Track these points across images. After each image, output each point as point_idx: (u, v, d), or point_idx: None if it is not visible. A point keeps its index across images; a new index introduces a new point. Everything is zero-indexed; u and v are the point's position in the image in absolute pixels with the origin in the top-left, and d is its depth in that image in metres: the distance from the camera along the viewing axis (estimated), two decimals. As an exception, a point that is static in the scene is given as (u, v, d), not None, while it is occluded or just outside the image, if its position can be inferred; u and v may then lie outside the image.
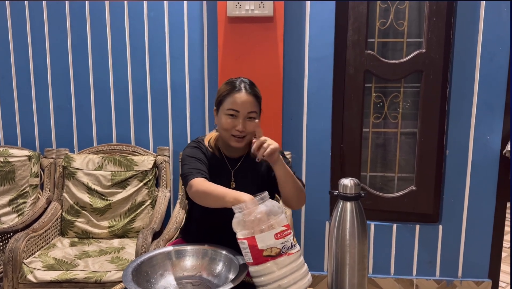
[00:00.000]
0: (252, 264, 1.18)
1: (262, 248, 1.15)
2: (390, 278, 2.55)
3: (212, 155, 1.55)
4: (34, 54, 2.58)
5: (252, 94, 1.48)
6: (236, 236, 1.20)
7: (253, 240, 1.15)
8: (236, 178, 1.54)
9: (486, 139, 2.38)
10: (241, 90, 1.47)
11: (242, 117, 1.46)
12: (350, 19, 2.39)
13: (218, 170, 1.54)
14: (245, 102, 1.46)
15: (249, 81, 1.52)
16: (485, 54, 2.32)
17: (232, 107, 1.46)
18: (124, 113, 2.59)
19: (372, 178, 2.60)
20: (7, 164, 2.48)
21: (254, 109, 1.48)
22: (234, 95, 1.47)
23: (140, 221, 2.41)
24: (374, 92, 2.51)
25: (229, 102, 1.47)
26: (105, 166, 2.45)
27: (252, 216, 1.16)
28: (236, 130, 1.46)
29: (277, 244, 1.15)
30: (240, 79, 1.51)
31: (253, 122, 1.47)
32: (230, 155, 1.57)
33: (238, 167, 1.56)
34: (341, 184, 1.18)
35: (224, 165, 1.56)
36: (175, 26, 2.48)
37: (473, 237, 2.47)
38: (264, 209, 1.17)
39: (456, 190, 2.45)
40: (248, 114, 1.47)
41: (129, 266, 1.25)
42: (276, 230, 1.16)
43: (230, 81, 1.52)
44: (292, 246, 1.19)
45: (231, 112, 1.47)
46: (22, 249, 2.02)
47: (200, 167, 1.45)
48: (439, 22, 2.33)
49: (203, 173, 1.42)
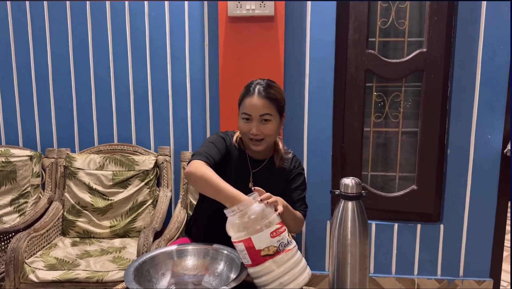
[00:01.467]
0: (250, 265, 1.18)
1: (260, 248, 1.15)
2: (391, 277, 2.55)
3: (237, 153, 1.56)
4: (35, 54, 2.58)
5: (266, 97, 1.47)
6: (232, 240, 1.20)
7: (249, 241, 1.15)
8: (255, 179, 1.55)
9: (487, 139, 2.38)
10: (254, 94, 1.47)
11: (256, 121, 1.47)
12: (351, 18, 2.39)
13: (239, 168, 1.55)
14: (256, 105, 1.46)
15: (265, 83, 1.51)
16: (486, 53, 2.32)
17: (245, 111, 1.48)
18: (125, 113, 2.59)
19: (373, 177, 2.60)
20: (9, 163, 2.49)
21: (268, 111, 1.47)
22: (247, 99, 1.48)
23: (142, 220, 2.41)
24: (375, 92, 2.51)
25: (243, 107, 1.49)
26: (106, 165, 2.45)
27: (246, 217, 1.16)
28: (251, 134, 1.47)
29: (274, 242, 1.16)
30: (256, 82, 1.51)
31: (268, 125, 1.48)
32: (254, 156, 1.58)
33: (259, 169, 1.57)
34: (343, 183, 1.18)
35: (245, 164, 1.56)
36: (176, 26, 2.48)
37: (475, 236, 2.47)
38: (257, 209, 1.17)
39: (457, 189, 2.45)
40: (261, 117, 1.47)
41: (131, 265, 1.25)
42: (271, 229, 1.16)
43: (247, 85, 1.53)
44: (288, 242, 1.19)
45: (245, 116, 1.48)
46: (24, 249, 2.03)
47: (211, 153, 1.45)
48: (440, 21, 2.33)
49: (210, 159, 1.42)
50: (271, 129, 1.48)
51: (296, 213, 1.49)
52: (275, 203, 1.23)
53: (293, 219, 1.44)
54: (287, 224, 1.27)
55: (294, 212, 1.47)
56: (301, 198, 1.57)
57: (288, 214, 1.38)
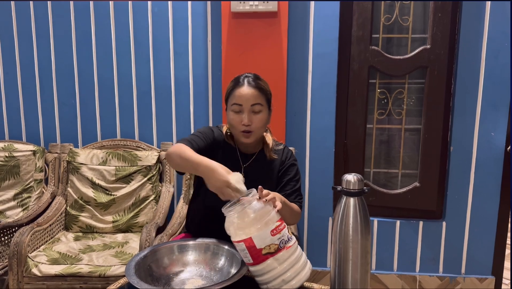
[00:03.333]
0: (252, 264, 1.17)
1: (261, 247, 1.14)
2: (393, 274, 2.55)
3: (227, 147, 1.56)
4: (38, 50, 2.59)
5: (255, 87, 1.48)
6: (231, 239, 1.20)
7: (250, 240, 1.14)
8: (247, 173, 1.55)
9: (490, 136, 2.37)
10: (244, 84, 1.48)
11: (246, 110, 1.46)
12: (355, 15, 2.38)
13: (230, 163, 1.54)
14: (247, 95, 1.46)
15: (253, 75, 1.52)
16: (490, 50, 2.30)
17: (236, 102, 1.47)
18: (128, 109, 2.59)
19: (376, 174, 2.59)
20: (12, 158, 2.50)
21: (258, 101, 1.48)
22: (237, 90, 1.48)
23: (144, 216, 2.42)
24: (378, 88, 2.50)
25: (233, 98, 1.48)
26: (109, 161, 2.46)
27: (246, 216, 1.15)
28: (242, 126, 1.47)
29: (275, 240, 1.15)
30: (244, 75, 1.52)
31: (259, 116, 1.48)
32: (244, 150, 1.57)
33: (250, 163, 1.57)
34: (345, 179, 1.18)
35: (236, 159, 1.56)
36: (179, 22, 2.48)
37: (477, 234, 2.46)
38: (256, 207, 1.17)
39: (460, 186, 2.44)
40: (252, 107, 1.47)
41: (132, 260, 1.26)
42: (272, 227, 1.16)
43: (235, 78, 1.53)
44: (289, 239, 1.19)
45: (235, 108, 1.48)
46: (27, 243, 2.04)
47: (194, 139, 1.47)
48: (444, 18, 2.32)
49: (193, 144, 1.44)
50: (260, 120, 1.48)
51: (293, 206, 1.48)
52: (273, 200, 1.22)
53: (290, 212, 1.44)
54: (284, 217, 1.27)
55: (291, 205, 1.47)
56: (295, 190, 1.55)
57: (286, 208, 1.37)
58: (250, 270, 1.20)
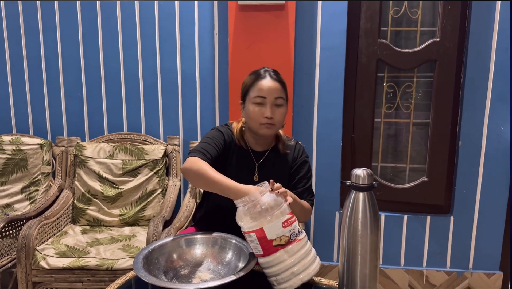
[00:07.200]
0: (262, 255, 1.18)
1: (272, 238, 1.15)
2: (400, 269, 2.54)
3: (238, 146, 1.55)
4: (45, 43, 2.59)
5: (278, 80, 1.48)
6: (242, 230, 1.20)
7: (261, 231, 1.15)
8: (260, 171, 1.54)
9: (499, 130, 2.35)
10: (266, 77, 1.48)
11: (270, 103, 1.46)
12: (363, 7, 2.35)
13: (242, 161, 1.55)
14: (271, 88, 1.46)
15: (273, 69, 1.52)
16: (500, 44, 2.27)
17: (259, 94, 1.46)
18: (134, 102, 2.59)
19: (383, 169, 2.58)
20: (20, 152, 2.51)
21: (281, 95, 1.48)
22: (259, 82, 1.47)
23: (151, 209, 2.42)
24: (386, 82, 2.48)
25: (255, 91, 1.47)
26: (116, 154, 2.46)
27: (258, 207, 1.16)
28: (264, 118, 1.46)
29: (286, 232, 1.16)
30: (263, 68, 1.52)
31: (281, 109, 1.48)
32: (256, 148, 1.57)
33: (263, 160, 1.56)
34: (354, 174, 1.17)
35: (249, 157, 1.56)
36: (186, 15, 2.46)
37: (485, 229, 2.45)
38: (268, 199, 1.17)
39: (469, 181, 2.42)
40: (275, 100, 1.47)
41: (140, 253, 1.26)
42: (283, 219, 1.16)
43: (254, 72, 1.52)
44: (299, 232, 1.19)
45: (258, 101, 1.46)
46: (35, 236, 2.05)
47: (207, 149, 1.45)
48: (454, 10, 2.29)
49: (207, 155, 1.42)
50: (282, 114, 1.49)
51: (303, 203, 1.48)
52: (284, 193, 1.22)
53: (300, 209, 1.43)
54: (295, 214, 1.27)
55: (302, 202, 1.47)
56: (307, 188, 1.56)
57: (296, 205, 1.37)
58: (260, 262, 1.20)
